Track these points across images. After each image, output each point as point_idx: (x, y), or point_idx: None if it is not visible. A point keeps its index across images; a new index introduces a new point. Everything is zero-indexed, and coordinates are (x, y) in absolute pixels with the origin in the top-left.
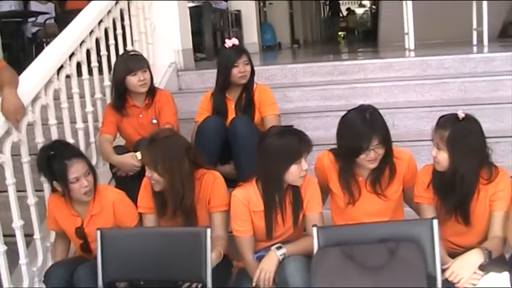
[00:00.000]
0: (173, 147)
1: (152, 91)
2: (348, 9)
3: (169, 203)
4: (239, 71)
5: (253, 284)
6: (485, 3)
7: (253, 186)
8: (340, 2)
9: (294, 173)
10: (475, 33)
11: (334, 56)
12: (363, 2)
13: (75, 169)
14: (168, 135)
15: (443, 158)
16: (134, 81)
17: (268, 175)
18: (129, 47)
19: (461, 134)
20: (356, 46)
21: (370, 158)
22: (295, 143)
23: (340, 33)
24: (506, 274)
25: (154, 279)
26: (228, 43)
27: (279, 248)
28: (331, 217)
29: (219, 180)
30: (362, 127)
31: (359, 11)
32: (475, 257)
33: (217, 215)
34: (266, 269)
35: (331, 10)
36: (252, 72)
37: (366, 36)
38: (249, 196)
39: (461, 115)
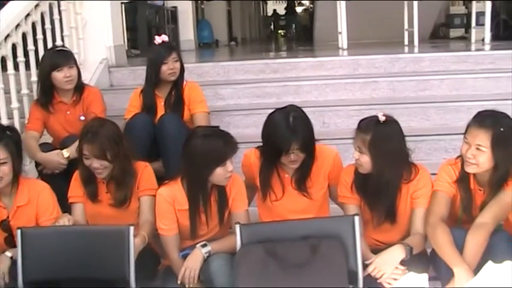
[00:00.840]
0: (114, 133)
1: (80, 87)
2: (286, 8)
3: (107, 187)
4: (168, 68)
5: (178, 282)
6: (415, 4)
7: (178, 184)
8: (279, 1)
9: (218, 175)
10: (406, 34)
11: (269, 54)
12: (302, 1)
13: None
14: (101, 123)
15: (365, 161)
16: (60, 77)
17: (192, 175)
18: (58, 42)
19: (383, 137)
20: (293, 45)
21: (290, 160)
22: (220, 146)
23: (279, 31)
24: (425, 275)
25: (76, 278)
26: (158, 40)
27: (204, 245)
28: (258, 214)
29: (149, 168)
30: (284, 131)
31: (298, 9)
32: (397, 253)
33: (145, 199)
34: (191, 266)
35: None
36: (182, 69)
37: (304, 35)
38: (174, 194)
39: (381, 118)
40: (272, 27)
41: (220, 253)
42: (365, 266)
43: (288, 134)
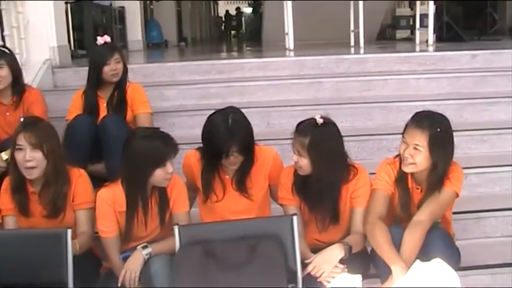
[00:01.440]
0: (52, 128)
1: (20, 88)
2: (238, 8)
3: (40, 197)
4: (110, 69)
5: (119, 284)
6: (361, 6)
7: (118, 186)
8: (230, 1)
9: (158, 176)
10: (352, 35)
11: (216, 55)
12: (252, 2)
13: None
14: (40, 119)
15: (304, 163)
16: None
17: (131, 177)
18: None
19: (321, 140)
20: (243, 45)
21: (229, 162)
22: (160, 147)
23: (231, 31)
24: (359, 276)
25: (12, 283)
26: (100, 40)
27: (144, 247)
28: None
29: (83, 177)
30: (222, 134)
31: (248, 10)
32: (336, 252)
33: (81, 212)
34: (131, 268)
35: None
36: (125, 70)
37: (254, 36)
38: (114, 196)
39: (319, 120)
40: (223, 27)
41: (161, 254)
42: (305, 266)
43: (227, 136)
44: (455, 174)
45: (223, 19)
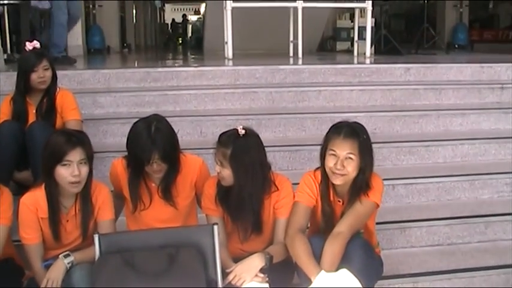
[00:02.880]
0: None
1: None
2: (184, 16)
3: None
4: (38, 76)
5: None
6: (300, 17)
7: (42, 191)
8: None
9: (61, 175)
10: (291, 46)
11: (155, 62)
12: (199, 10)
13: None
14: None
15: (227, 174)
16: None
17: (43, 175)
18: None
19: (243, 151)
20: (186, 53)
21: (153, 170)
22: (60, 141)
23: (178, 39)
24: (265, 285)
25: None
26: (28, 46)
27: (66, 256)
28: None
29: (5, 194)
30: (144, 141)
31: (194, 18)
32: (257, 261)
33: None
34: (53, 277)
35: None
36: (54, 76)
37: (198, 44)
38: (37, 202)
39: (241, 131)
40: (169, 35)
41: (83, 263)
42: (226, 275)
43: (149, 144)
44: (375, 185)
45: (170, 26)
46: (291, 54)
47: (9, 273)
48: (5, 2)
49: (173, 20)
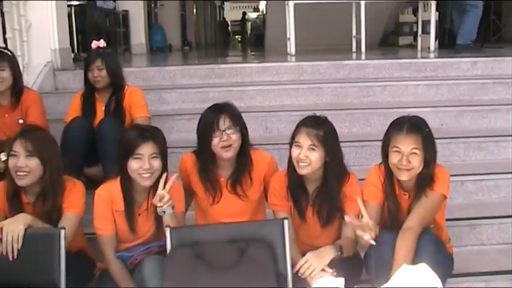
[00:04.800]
0: (52, 141)
1: (19, 90)
2: (244, 13)
3: (34, 208)
4: (92, 76)
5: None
6: (363, 11)
7: (117, 184)
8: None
9: (132, 168)
10: (354, 41)
11: (218, 59)
12: (258, 7)
13: None
14: (41, 129)
15: (317, 157)
16: None
17: (118, 170)
18: (1, 44)
19: (334, 131)
20: (246, 50)
21: (223, 143)
22: (132, 135)
23: (236, 36)
24: (341, 279)
25: (4, 284)
26: (93, 44)
27: None
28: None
29: (78, 186)
30: (209, 111)
31: (253, 15)
32: (328, 252)
33: (66, 214)
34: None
35: None
36: (113, 75)
37: (258, 41)
38: (112, 194)
39: (322, 117)
40: (228, 32)
41: (153, 255)
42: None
43: (215, 112)
44: (441, 176)
45: (229, 24)
46: (354, 49)
47: (82, 265)
48: (73, 2)
49: (232, 17)
